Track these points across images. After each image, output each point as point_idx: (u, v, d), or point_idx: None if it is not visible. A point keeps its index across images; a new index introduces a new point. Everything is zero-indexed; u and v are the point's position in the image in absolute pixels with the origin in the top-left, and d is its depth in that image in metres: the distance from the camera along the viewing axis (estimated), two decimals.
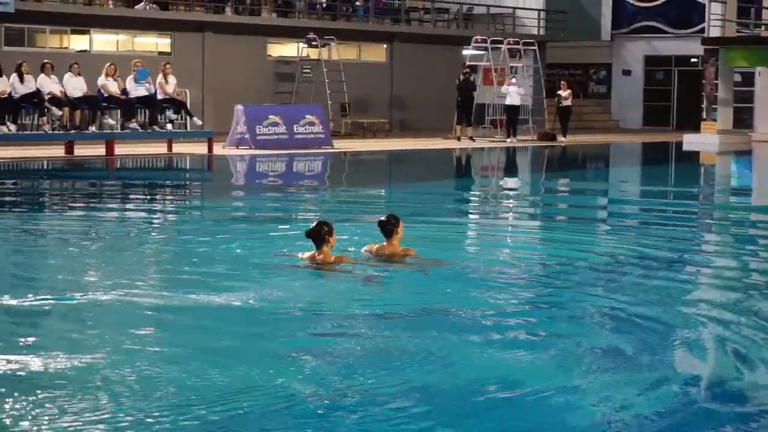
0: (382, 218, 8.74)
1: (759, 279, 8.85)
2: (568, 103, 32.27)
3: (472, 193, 18.32)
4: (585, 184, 20.62)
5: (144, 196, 16.43)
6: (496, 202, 16.68)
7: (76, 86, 21.81)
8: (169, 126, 23.20)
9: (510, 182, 20.64)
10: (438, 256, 9.11)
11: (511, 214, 14.66)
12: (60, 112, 21.40)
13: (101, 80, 22.33)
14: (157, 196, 16.56)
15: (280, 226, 11.88)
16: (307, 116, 26.55)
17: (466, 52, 33.33)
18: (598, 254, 10.05)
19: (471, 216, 14.46)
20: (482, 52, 32.76)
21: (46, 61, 22.10)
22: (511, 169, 24.29)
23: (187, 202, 15.88)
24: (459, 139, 30.25)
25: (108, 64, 22.73)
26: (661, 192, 18.71)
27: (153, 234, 11.54)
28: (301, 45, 32.34)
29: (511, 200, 16.82)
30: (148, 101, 22.74)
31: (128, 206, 14.52)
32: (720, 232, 12.71)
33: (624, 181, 21.65)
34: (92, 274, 8.56)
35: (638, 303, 7.52)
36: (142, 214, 13.32)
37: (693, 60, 40.23)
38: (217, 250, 9.63)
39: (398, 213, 9.12)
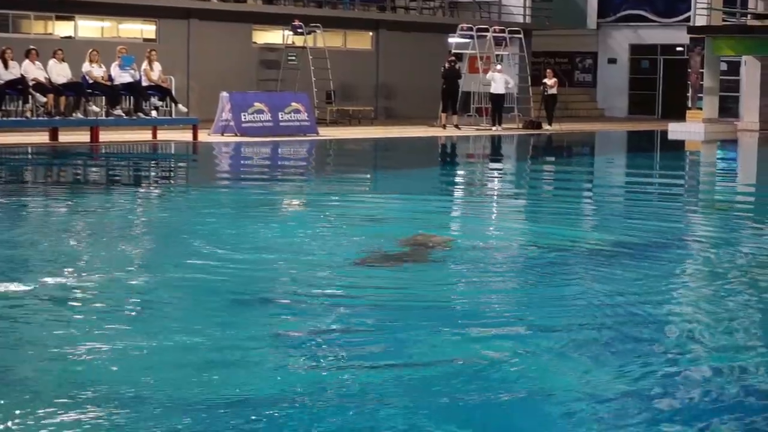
0: None
1: (749, 266, 8.84)
2: (553, 91, 32.34)
3: (456, 179, 18.32)
4: (570, 170, 20.64)
5: (130, 183, 16.38)
6: (480, 188, 16.69)
7: (60, 73, 21.72)
8: (154, 113, 23.13)
9: (494, 169, 20.63)
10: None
11: (494, 200, 14.66)
12: (44, 99, 21.31)
13: (86, 67, 22.24)
14: (142, 183, 16.51)
15: (264, 211, 11.88)
16: (292, 104, 26.51)
17: (452, 39, 33.31)
18: (583, 241, 10.06)
19: (455, 202, 14.44)
20: (468, 40, 32.73)
21: (30, 47, 22.01)
22: (496, 157, 24.29)
23: (172, 189, 15.83)
24: (444, 127, 30.26)
25: (91, 51, 22.63)
26: (646, 179, 18.75)
27: (135, 220, 11.52)
28: (287, 32, 32.28)
29: (495, 187, 16.83)
30: (133, 88, 22.66)
31: (114, 192, 14.43)
32: (706, 219, 12.73)
33: (609, 168, 21.69)
34: (70, 260, 8.52)
35: (627, 291, 7.52)
36: (126, 201, 13.26)
37: (678, 49, 40.30)
38: (205, 237, 9.63)
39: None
